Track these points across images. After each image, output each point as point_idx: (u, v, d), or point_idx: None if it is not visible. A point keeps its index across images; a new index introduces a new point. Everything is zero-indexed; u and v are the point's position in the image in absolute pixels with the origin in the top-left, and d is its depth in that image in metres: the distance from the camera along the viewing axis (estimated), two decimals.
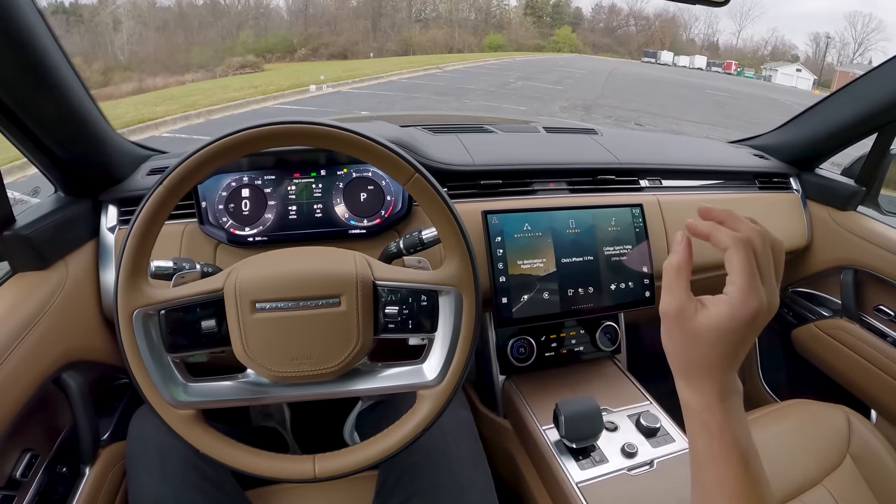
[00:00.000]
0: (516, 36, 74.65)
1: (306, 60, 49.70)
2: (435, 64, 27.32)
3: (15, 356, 0.99)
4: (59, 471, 1.16)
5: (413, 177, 0.82)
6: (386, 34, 62.24)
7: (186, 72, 37.50)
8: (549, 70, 28.80)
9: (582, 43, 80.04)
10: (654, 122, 13.63)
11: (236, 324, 0.81)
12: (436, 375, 0.87)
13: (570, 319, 1.40)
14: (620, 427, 1.23)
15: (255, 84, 17.63)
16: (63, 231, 1.19)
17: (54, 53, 0.97)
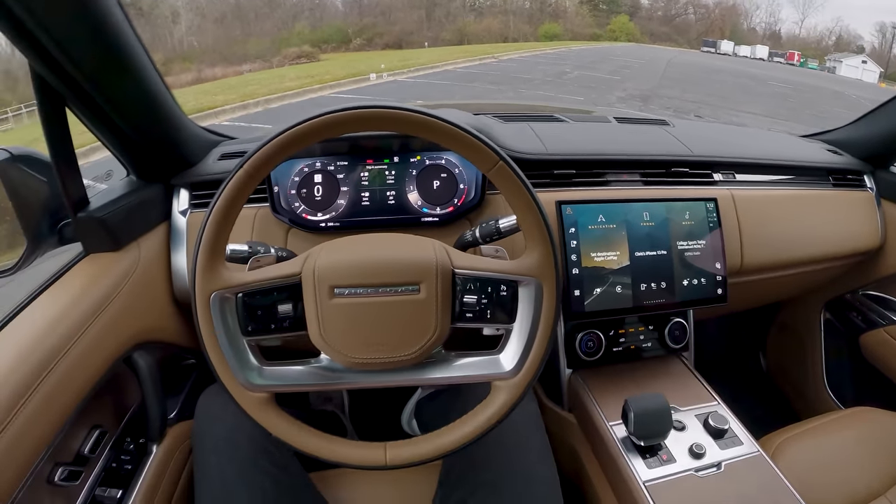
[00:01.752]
0: (572, 25, 73.74)
1: (361, 50, 50.13)
2: (490, 53, 27.27)
3: (88, 335, 1.01)
4: (127, 447, 1.19)
5: (497, 164, 0.80)
6: (440, 23, 62.23)
7: (244, 62, 38.21)
8: (606, 60, 28.39)
9: (639, 32, 78.55)
10: (715, 114, 13.30)
11: (314, 309, 0.80)
12: (513, 367, 0.85)
13: (638, 315, 1.37)
14: (688, 426, 1.19)
15: (311, 74, 17.87)
16: (136, 214, 1.21)
17: (132, 41, 0.98)
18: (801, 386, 2.09)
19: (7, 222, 1.14)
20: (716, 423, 1.17)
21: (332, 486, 1.11)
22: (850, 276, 1.81)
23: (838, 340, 1.97)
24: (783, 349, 2.23)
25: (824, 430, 1.35)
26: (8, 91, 37.78)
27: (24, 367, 0.89)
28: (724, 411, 1.23)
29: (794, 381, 2.15)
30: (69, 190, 1.07)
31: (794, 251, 1.54)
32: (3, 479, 0.80)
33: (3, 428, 0.81)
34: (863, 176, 1.74)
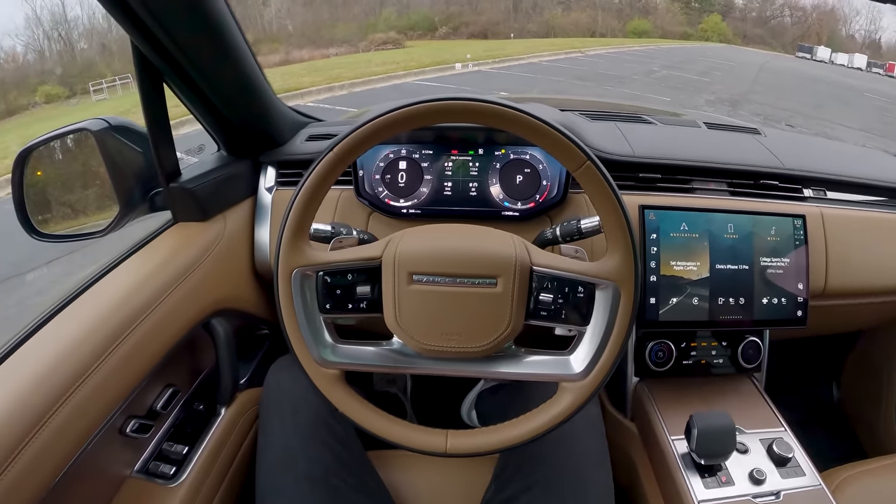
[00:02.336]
0: (662, 22, 71.80)
1: (446, 39, 50.20)
2: (576, 48, 26.90)
3: (172, 298, 1.06)
4: (196, 408, 1.24)
5: (584, 164, 0.79)
6: (527, 15, 61.71)
7: (330, 46, 38.88)
8: (696, 60, 27.56)
9: (732, 33, 75.74)
10: (807, 125, 12.68)
11: (391, 293, 0.81)
12: (582, 369, 0.84)
13: (712, 329, 1.32)
14: (751, 450, 1.15)
15: (396, 60, 18.04)
16: (224, 187, 1.27)
17: (229, 21, 1.01)
18: (874, 422, 1.95)
19: (97, 186, 1.21)
20: (780, 450, 1.12)
21: (388, 467, 1.12)
22: None
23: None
24: (859, 381, 2.09)
25: (892, 471, 1.28)
26: (104, 65, 39.52)
27: (108, 325, 0.94)
28: (789, 439, 1.18)
29: (867, 416, 2.01)
30: (163, 161, 1.13)
31: (883, 278, 1.44)
32: (81, 426, 0.85)
33: (85, 379, 0.86)
34: None
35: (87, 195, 1.26)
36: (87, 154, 1.20)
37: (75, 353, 0.87)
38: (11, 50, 50.19)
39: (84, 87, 32.70)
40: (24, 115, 34.23)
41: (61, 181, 1.27)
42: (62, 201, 1.25)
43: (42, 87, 39.22)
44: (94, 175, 1.20)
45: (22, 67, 46.48)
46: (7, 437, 0.74)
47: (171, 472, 1.10)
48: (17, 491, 0.74)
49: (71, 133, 1.14)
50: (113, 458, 1.06)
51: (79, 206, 1.26)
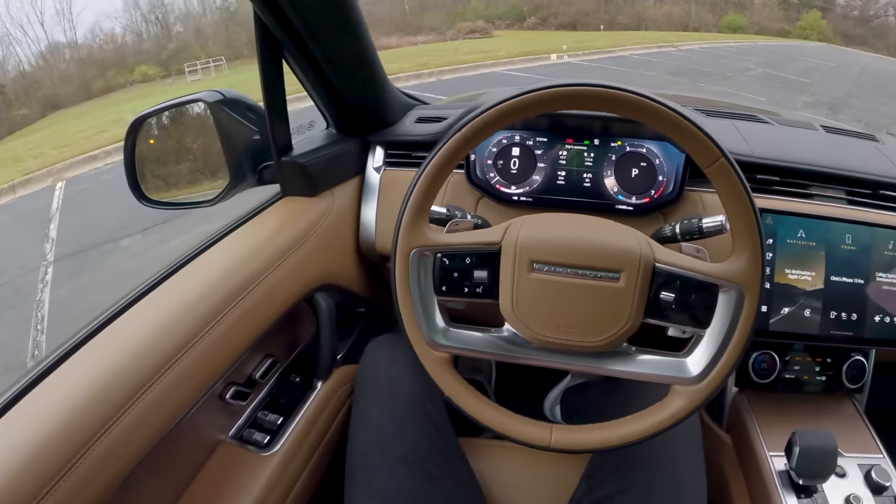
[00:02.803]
0: (758, 17, 69.01)
1: (534, 29, 49.88)
2: (669, 41, 26.23)
3: (279, 271, 1.08)
4: (293, 379, 1.27)
5: (718, 161, 0.75)
6: (618, 7, 60.40)
7: (418, 33, 39.23)
8: (793, 59, 26.35)
9: (832, 31, 72.08)
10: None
11: (510, 279, 0.80)
12: (698, 373, 0.81)
13: (816, 344, 1.25)
14: (849, 475, 1.08)
15: (484, 49, 18.03)
16: (333, 164, 1.29)
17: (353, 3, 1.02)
18: None
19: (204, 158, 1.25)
20: (878, 477, 1.05)
21: (478, 456, 1.12)
22: None
23: None
24: None
25: None
26: (198, 47, 40.85)
27: (215, 295, 0.96)
28: (888, 466, 1.11)
29: None
30: (277, 134, 1.15)
31: None
32: (185, 390, 0.87)
33: (190, 347, 0.88)
34: None
35: (196, 165, 1.30)
36: (198, 126, 1.24)
37: (181, 320, 0.90)
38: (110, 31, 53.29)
39: (179, 68, 34.18)
40: (122, 92, 36.01)
41: (172, 151, 1.31)
42: (171, 170, 1.30)
43: (139, 67, 41.26)
44: (203, 146, 1.24)
45: (120, 48, 48.98)
46: (116, 394, 0.77)
47: (264, 440, 1.13)
48: (124, 445, 0.77)
49: (185, 104, 1.18)
50: (211, 422, 1.10)
51: (188, 175, 1.31)
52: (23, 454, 0.68)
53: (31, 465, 0.67)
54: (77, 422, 0.73)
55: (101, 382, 0.78)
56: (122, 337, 0.87)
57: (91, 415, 0.74)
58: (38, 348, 4.58)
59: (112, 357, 0.82)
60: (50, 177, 10.34)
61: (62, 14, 51.52)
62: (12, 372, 4.20)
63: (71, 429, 0.72)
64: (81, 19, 70.04)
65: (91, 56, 47.16)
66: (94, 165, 10.63)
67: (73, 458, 0.70)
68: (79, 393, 0.76)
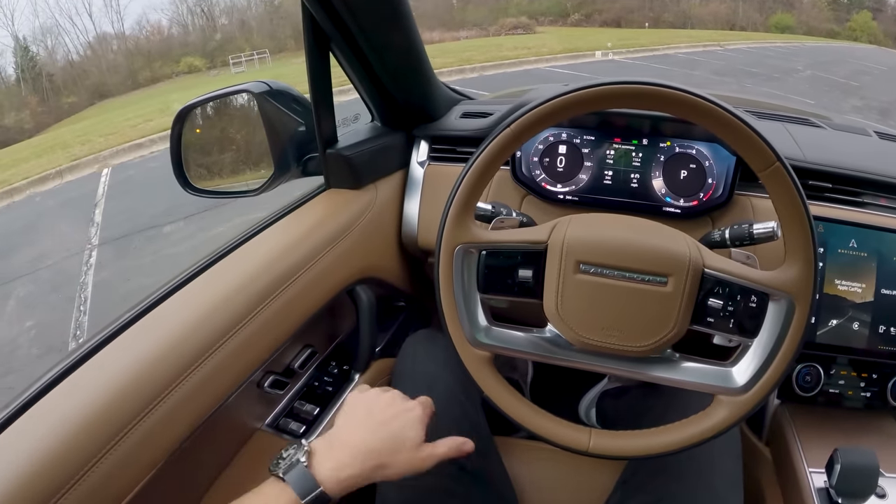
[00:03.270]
0: (807, 17, 67.27)
1: (578, 26, 49.47)
2: (715, 41, 25.78)
3: (322, 262, 1.09)
4: (331, 370, 1.28)
5: (773, 165, 0.73)
6: (663, 4, 59.49)
7: (461, 28, 39.27)
8: (842, 61, 25.66)
9: (883, 34, 69.68)
10: None
11: (555, 280, 0.79)
12: (744, 383, 0.79)
13: (863, 358, 1.20)
14: (890, 496, 1.04)
15: (527, 45, 18.01)
16: (377, 158, 1.29)
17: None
18: None
19: (249, 148, 1.26)
20: None
21: (511, 455, 1.11)
22: None
23: None
24: None
25: None
26: (243, 39, 41.33)
27: (258, 284, 0.97)
28: None
29: None
30: (322, 126, 1.16)
31: None
32: (225, 379, 0.89)
33: (231, 335, 0.89)
34: None
35: (241, 155, 1.33)
36: (243, 116, 1.26)
37: (223, 308, 0.91)
38: (157, 23, 54.54)
39: (224, 59, 34.72)
40: (168, 83, 36.74)
41: (218, 140, 1.34)
42: (217, 159, 1.33)
43: (185, 59, 42.00)
44: (248, 137, 1.26)
45: (166, 40, 49.99)
46: (156, 380, 0.79)
47: (300, 430, 1.13)
48: (163, 429, 0.79)
49: (232, 94, 1.20)
50: (248, 409, 1.11)
51: (232, 165, 1.33)
52: (67, 431, 0.70)
53: (75, 442, 0.69)
54: (118, 404, 0.74)
55: (141, 367, 0.79)
56: (163, 324, 0.88)
57: (131, 398, 0.76)
58: (81, 329, 4.70)
59: (152, 343, 0.83)
60: (97, 163, 10.60)
61: (110, 5, 52.77)
62: (54, 352, 4.37)
63: (112, 410, 0.74)
64: (129, 11, 71.76)
65: (138, 47, 48.31)
66: (140, 153, 10.86)
67: (114, 438, 0.72)
68: (120, 376, 0.78)
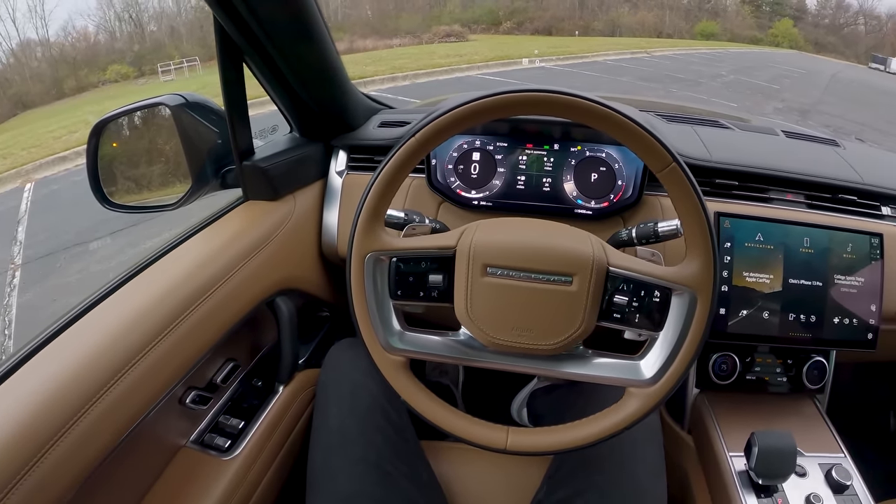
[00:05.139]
0: (731, 25, 69.84)
1: (510, 34, 50.06)
2: (642, 48, 26.53)
3: (239, 274, 1.08)
4: (255, 384, 1.27)
5: (670, 166, 0.76)
6: (593, 12, 60.81)
7: (394, 36, 39.28)
8: (765, 66, 26.75)
9: (803, 39, 73.14)
10: (879, 140, 12.16)
11: (464, 283, 0.80)
12: (652, 375, 0.82)
13: (776, 345, 1.27)
14: (809, 474, 1.10)
15: (460, 53, 18.07)
16: (295, 168, 1.28)
17: (312, 3, 1.02)
18: None
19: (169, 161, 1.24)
20: (839, 476, 1.07)
21: (439, 458, 1.12)
22: None
23: None
24: None
25: None
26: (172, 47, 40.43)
27: (175, 297, 0.96)
28: (849, 465, 1.13)
29: None
30: (238, 138, 1.14)
31: None
32: (143, 394, 0.87)
33: (150, 349, 0.88)
34: None
35: (160, 169, 1.29)
36: (161, 129, 1.23)
37: (141, 323, 0.90)
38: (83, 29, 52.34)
39: (152, 68, 33.75)
40: (94, 92, 35.44)
41: (135, 154, 1.30)
42: (134, 173, 1.29)
43: (112, 67, 40.68)
44: (167, 150, 1.23)
45: (93, 47, 48.30)
46: (73, 398, 0.77)
47: (225, 444, 1.12)
48: (81, 450, 0.76)
49: (148, 107, 1.17)
50: (171, 427, 1.09)
51: (151, 178, 1.29)
52: None
53: None
54: (32, 426, 0.72)
55: (57, 387, 0.77)
56: (80, 341, 0.86)
57: (47, 419, 0.74)
58: (6, 353, 4.45)
59: (69, 361, 0.81)
60: (19, 178, 10.12)
61: (34, 11, 50.69)
62: None
63: (26, 433, 0.71)
64: (54, 17, 69.07)
65: (63, 54, 46.42)
66: (65, 167, 10.42)
67: (28, 463, 0.69)
68: (34, 397, 0.75)
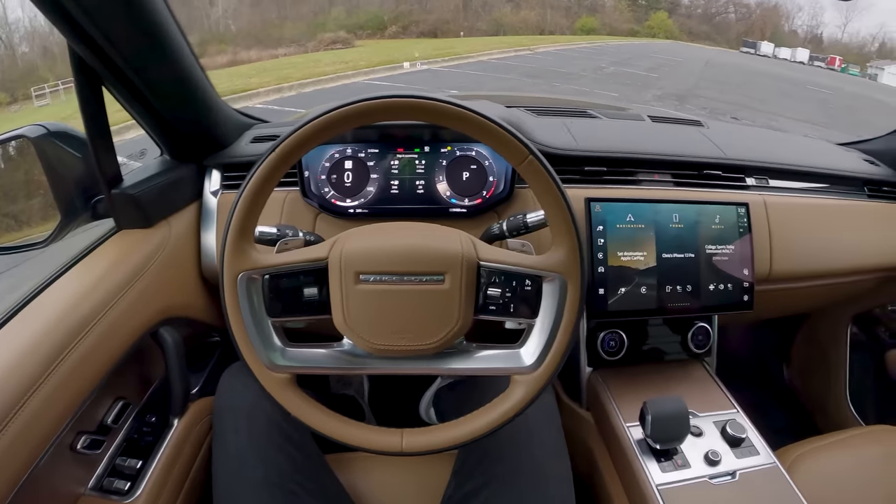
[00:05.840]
0: (610, 20, 72.69)
1: (396, 38, 50.05)
2: (526, 45, 27.09)
3: (117, 309, 1.03)
4: (149, 420, 1.21)
5: (527, 159, 0.79)
6: (477, 13, 61.73)
7: (279, 46, 38.51)
8: (643, 56, 28.02)
9: (678, 29, 77.11)
10: (752, 117, 13.05)
11: (339, 293, 0.80)
12: (533, 361, 0.85)
13: (661, 317, 1.35)
14: (705, 433, 1.18)
15: (345, 60, 17.92)
16: (168, 193, 1.24)
17: (169, 22, 0.99)
18: (823, 400, 2.04)
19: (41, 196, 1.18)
20: (733, 431, 1.15)
21: (347, 469, 1.12)
22: (881, 290, 1.74)
23: (863, 355, 1.93)
24: (807, 361, 2.18)
25: (843, 445, 1.32)
26: (46, 69, 38.40)
27: (51, 338, 0.91)
28: (742, 420, 1.22)
29: (816, 395, 2.09)
30: (104, 167, 1.09)
31: (825, 262, 1.50)
32: (29, 445, 0.82)
33: (30, 396, 0.83)
34: None
35: (29, 205, 1.22)
36: (27, 162, 1.16)
37: (18, 369, 0.85)
38: None
39: (26, 92, 31.76)
40: None
41: (1, 191, 1.23)
42: (1, 212, 1.22)
43: None
44: (36, 184, 1.17)
45: None
46: None
47: (125, 487, 1.08)
48: None
49: (8, 140, 1.10)
50: (65, 476, 1.04)
51: (20, 216, 1.22)
52: None
53: None
54: None
55: None
56: None
57: None
58: None
59: None
60: None
61: None
62: None
63: None
64: None
65: None
66: None
67: None
68: None
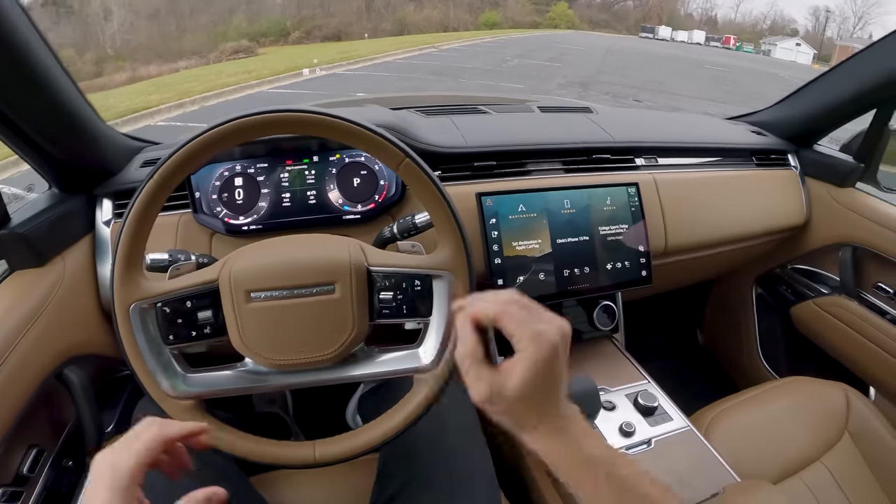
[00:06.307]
0: (512, 13, 73.72)
1: (300, 43, 49.27)
2: (430, 43, 27.13)
3: (16, 354, 0.99)
4: (66, 465, 1.17)
5: (403, 161, 0.81)
6: (380, 14, 61.46)
7: (179, 59, 37.30)
8: (546, 47, 28.60)
9: (579, 19, 79.06)
10: (653, 99, 13.58)
11: (232, 314, 0.81)
12: (431, 359, 0.88)
13: (568, 299, 1.40)
14: (618, 406, 1.24)
15: (249, 69, 17.52)
16: (59, 227, 1.19)
17: (39, 48, 0.95)
18: (737, 359, 2.17)
19: None
20: (645, 401, 1.21)
21: (273, 488, 1.11)
22: (778, 251, 1.89)
23: (770, 313, 2.06)
24: (719, 324, 2.31)
25: (757, 400, 1.40)
26: None
27: None
28: (653, 389, 1.28)
29: (731, 355, 2.23)
30: None
31: (718, 231, 1.60)
32: None
33: None
34: (787, 155, 1.81)
35: None
36: None
37: None
38: None
39: None
40: None
41: None
42: None
43: None
44: None
45: None
46: None
47: None
48: None
49: None
50: None
51: None
52: None
53: None
54: None
55: None
56: None
57: None
58: None
59: None
60: None
61: None
62: None
63: None
64: None
65: None
66: None
67: None
68: None
